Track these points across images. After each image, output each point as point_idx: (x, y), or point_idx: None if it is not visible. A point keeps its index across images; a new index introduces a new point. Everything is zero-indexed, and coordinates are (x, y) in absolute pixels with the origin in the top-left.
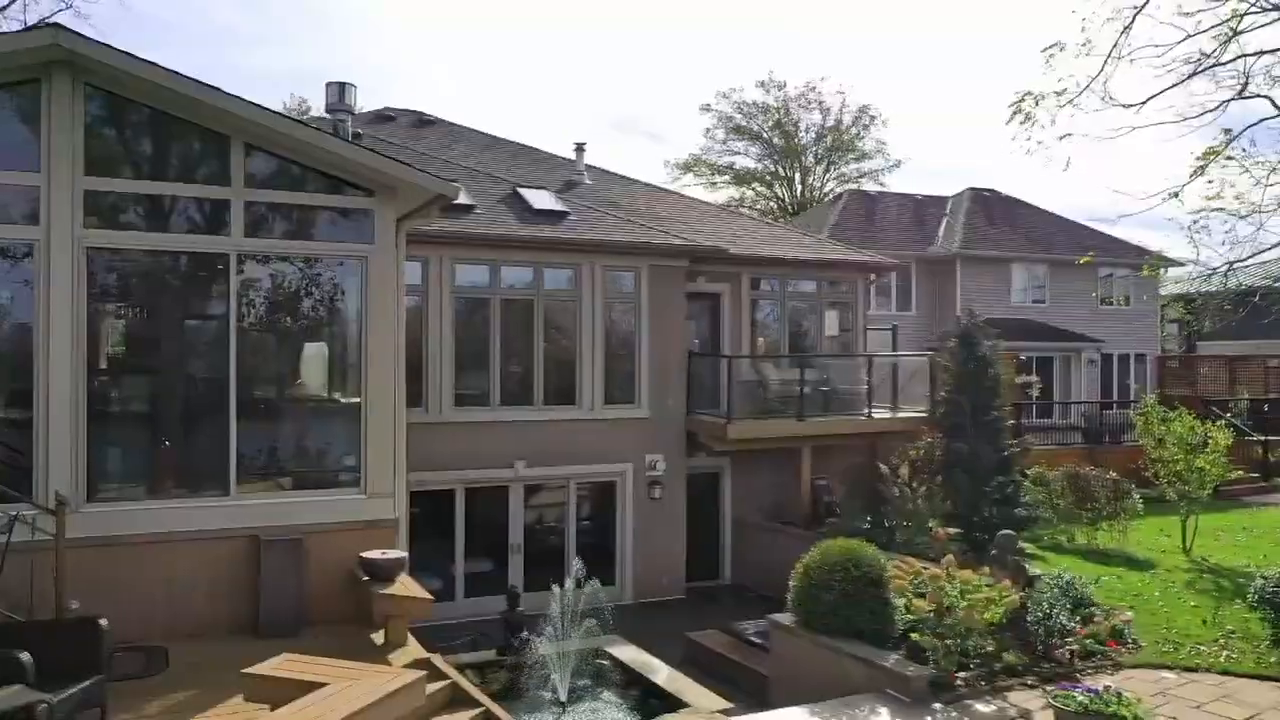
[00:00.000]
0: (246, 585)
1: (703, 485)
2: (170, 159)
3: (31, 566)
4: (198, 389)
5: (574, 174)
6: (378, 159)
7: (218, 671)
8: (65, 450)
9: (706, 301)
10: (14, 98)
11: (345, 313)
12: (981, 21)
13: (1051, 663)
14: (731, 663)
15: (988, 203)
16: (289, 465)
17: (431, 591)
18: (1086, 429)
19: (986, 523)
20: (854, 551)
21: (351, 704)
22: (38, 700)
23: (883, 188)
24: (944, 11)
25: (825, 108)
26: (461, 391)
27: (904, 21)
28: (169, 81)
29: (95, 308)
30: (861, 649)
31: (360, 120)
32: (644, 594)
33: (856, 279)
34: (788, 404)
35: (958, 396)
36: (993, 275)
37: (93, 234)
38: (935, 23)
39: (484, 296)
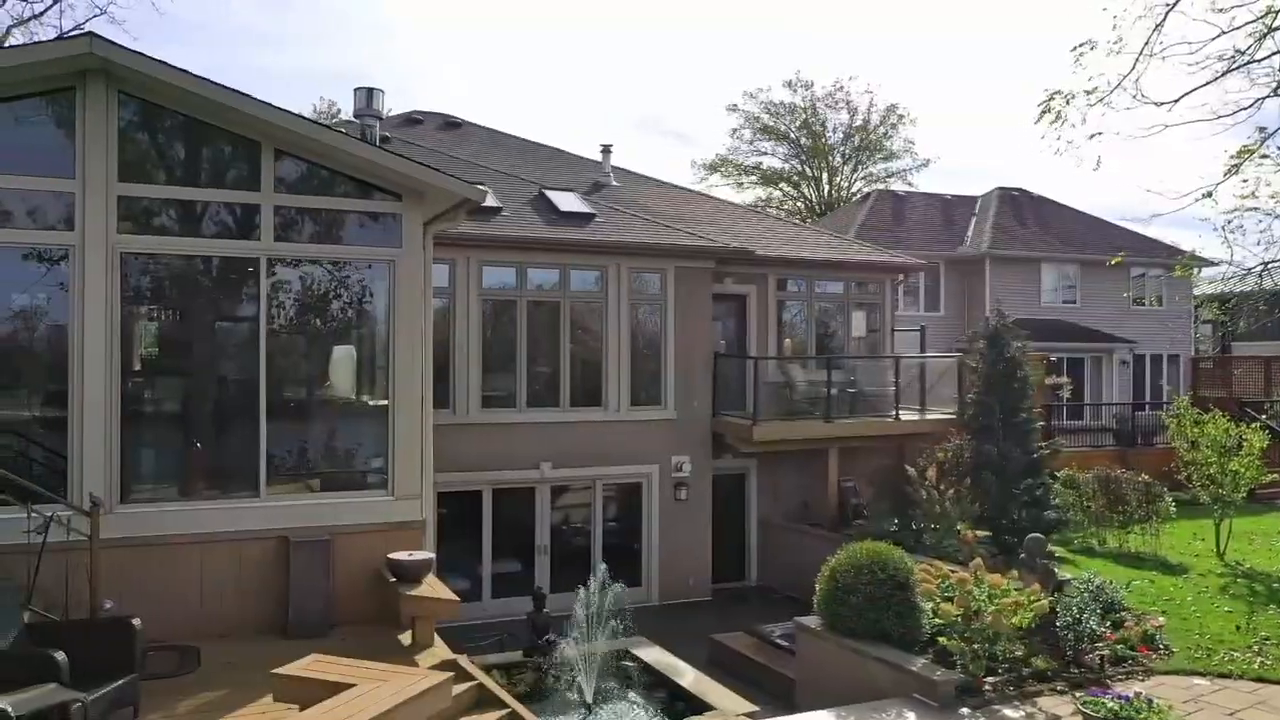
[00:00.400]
0: (276, 586)
1: (729, 486)
2: (201, 164)
3: (67, 566)
4: (229, 391)
5: (600, 176)
6: (405, 163)
7: (248, 671)
8: (99, 452)
9: (733, 302)
10: (50, 105)
11: (373, 315)
12: (1009, 21)
13: (1081, 668)
14: (757, 665)
15: (1017, 202)
16: (318, 467)
17: (459, 592)
18: (1118, 431)
19: (1016, 526)
20: (880, 554)
21: (379, 705)
22: (72, 699)
23: (911, 187)
24: (972, 11)
25: (853, 107)
26: (488, 393)
27: (931, 21)
28: (200, 88)
29: (128, 310)
30: (888, 653)
31: (388, 124)
32: (670, 595)
33: (884, 280)
34: (814, 405)
35: (986, 398)
36: (1022, 275)
37: (126, 239)
38: (963, 22)
39: (511, 298)
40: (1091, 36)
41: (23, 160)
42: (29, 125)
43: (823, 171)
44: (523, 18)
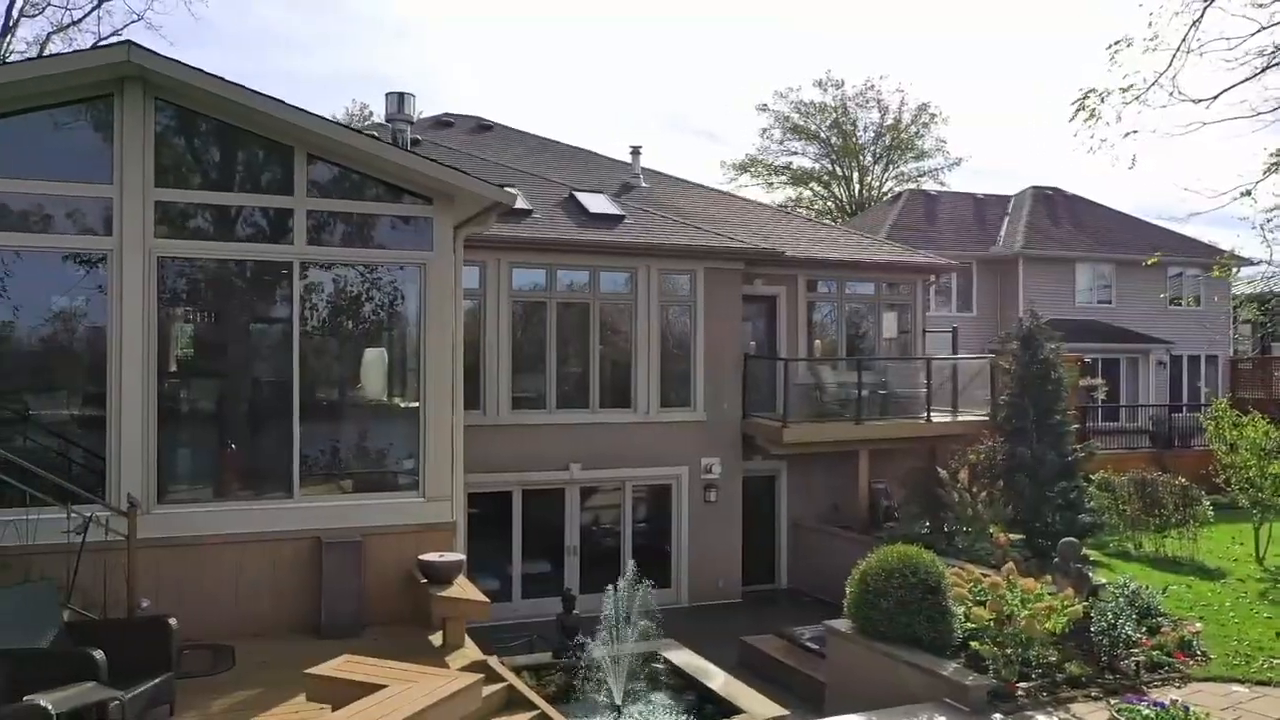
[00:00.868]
0: (309, 586)
1: (759, 488)
2: (235, 169)
3: (104, 566)
4: (262, 392)
5: (630, 177)
6: (435, 167)
7: (281, 670)
8: (137, 453)
9: (763, 303)
10: (89, 112)
11: (405, 318)
12: (1043, 20)
13: (1116, 674)
14: (787, 668)
15: (1051, 201)
16: (350, 468)
17: (489, 592)
18: (1154, 433)
19: (1049, 529)
20: (912, 558)
21: (410, 706)
22: (110, 697)
23: (943, 187)
24: (1005, 10)
25: (884, 106)
26: (519, 394)
27: (963, 20)
28: (234, 94)
29: (165, 312)
30: (920, 657)
31: (419, 126)
32: (699, 597)
33: (915, 280)
34: (845, 407)
35: (1020, 400)
36: (1056, 275)
37: (163, 244)
38: (996, 21)
39: (540, 300)
40: (1127, 33)
41: (63, 166)
42: (69, 131)
43: (853, 171)
44: (550, 15)
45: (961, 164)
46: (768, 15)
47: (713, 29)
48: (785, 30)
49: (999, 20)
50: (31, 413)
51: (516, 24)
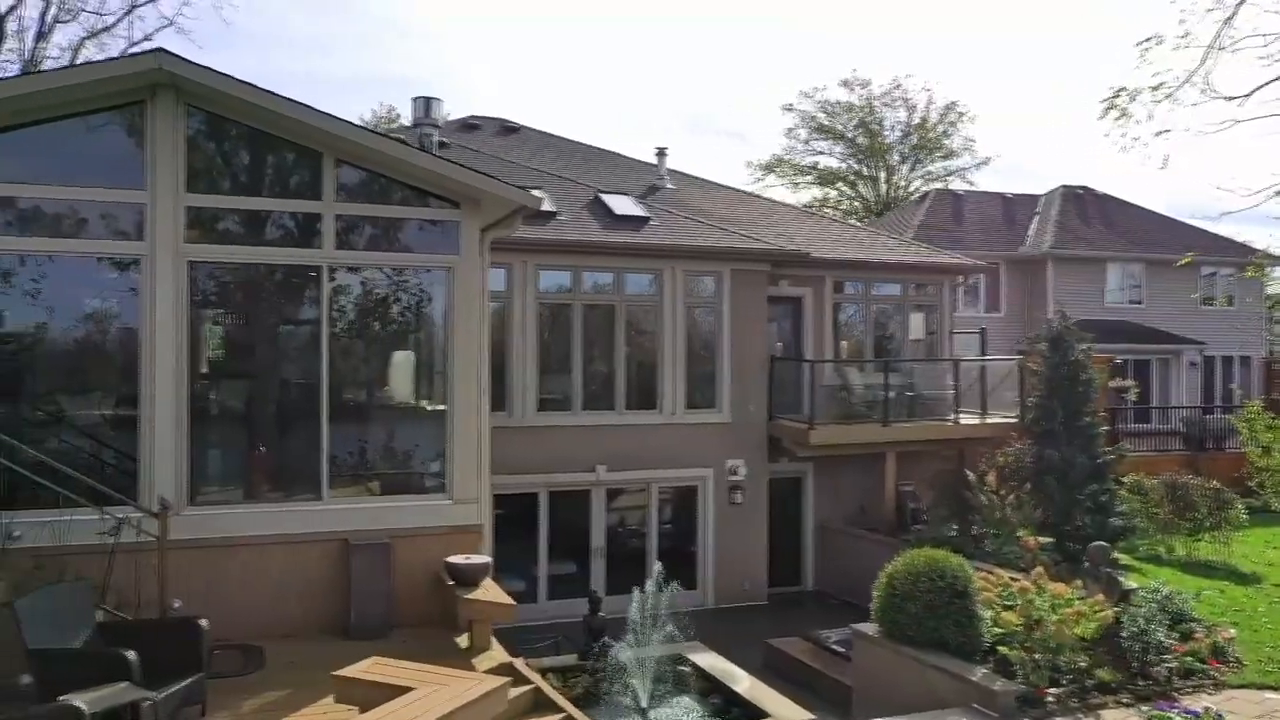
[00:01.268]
0: (337, 587)
1: (785, 490)
2: (265, 174)
3: (136, 566)
4: (291, 394)
5: (655, 178)
6: (462, 171)
7: (310, 671)
8: (169, 455)
9: (788, 305)
10: (122, 118)
11: (432, 321)
12: (1072, 18)
13: (1148, 681)
14: (813, 671)
15: (1081, 201)
16: (377, 470)
17: (515, 593)
18: (1187, 435)
19: (1079, 532)
20: (939, 562)
21: (437, 709)
22: (143, 698)
23: (970, 186)
24: (1034, 8)
25: (911, 105)
26: (545, 396)
27: (991, 19)
28: (264, 100)
29: (196, 314)
30: (947, 661)
31: (446, 129)
32: (725, 599)
33: (942, 281)
34: (872, 409)
35: (1049, 401)
36: (1086, 275)
37: (194, 248)
38: (1024, 20)
39: (566, 302)
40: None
41: (97, 171)
42: (103, 138)
43: (880, 171)
44: (570, 15)
45: (990, 163)
46: (792, 15)
47: (736, 29)
48: (810, 31)
49: (1028, 19)
50: (65, 414)
51: (535, 24)
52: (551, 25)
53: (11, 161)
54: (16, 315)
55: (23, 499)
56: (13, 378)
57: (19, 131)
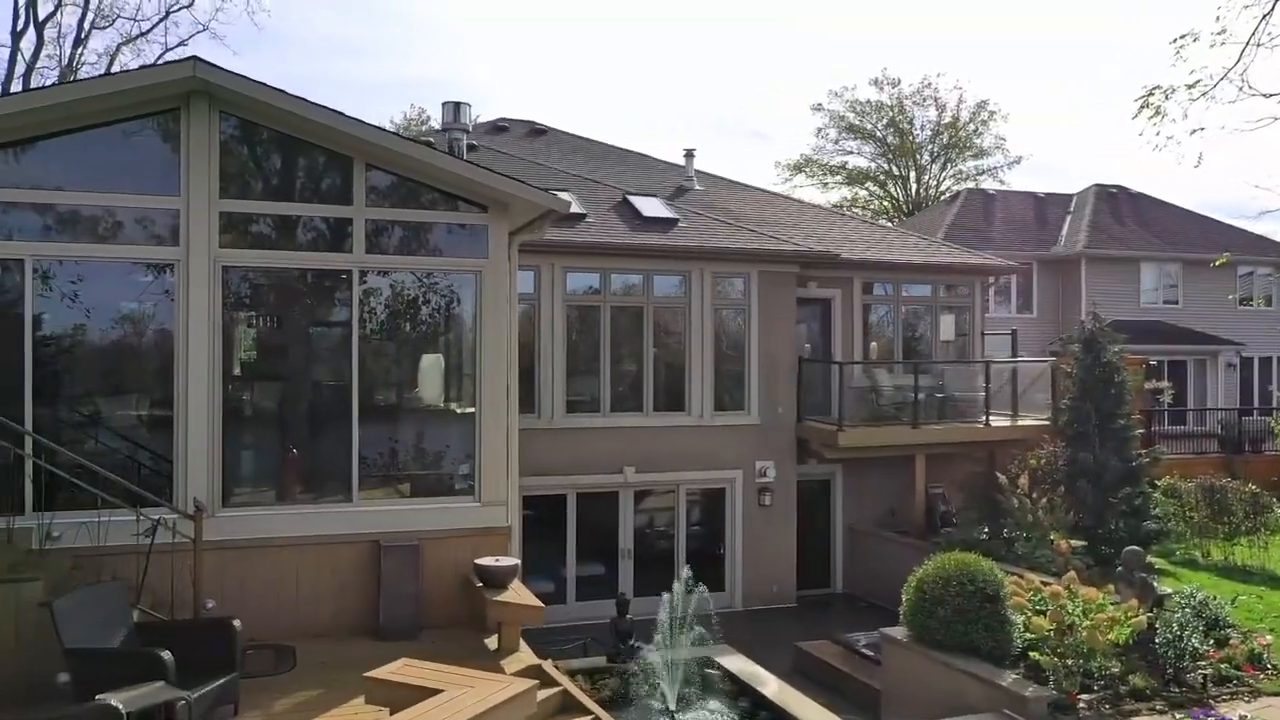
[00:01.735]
0: (367, 588)
1: (814, 492)
2: (296, 179)
3: (171, 567)
4: (322, 397)
5: (683, 180)
6: (491, 176)
7: (341, 671)
8: (202, 458)
9: (817, 306)
10: (157, 125)
11: (460, 324)
12: (1105, 16)
13: (1182, 687)
14: (842, 674)
15: (1115, 200)
16: (407, 472)
17: (544, 593)
18: (1223, 437)
19: (1113, 536)
20: (969, 566)
21: (465, 711)
22: (177, 697)
23: (1002, 185)
24: (1067, 6)
25: (941, 104)
26: (573, 398)
27: (1024, 17)
28: (296, 107)
29: (229, 316)
30: (978, 666)
31: (476, 132)
32: (754, 601)
33: (973, 282)
34: (901, 411)
35: (1082, 404)
36: (1120, 275)
37: (227, 253)
38: (1056, 18)
39: (594, 303)
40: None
41: (132, 178)
42: (138, 144)
43: (910, 170)
44: (595, 17)
45: (1021, 162)
46: (826, 15)
47: (762, 29)
48: (842, 32)
49: (1062, 17)
50: (102, 416)
51: (559, 26)
52: (575, 27)
53: (52, 168)
54: (55, 318)
55: (61, 500)
56: (52, 380)
57: (60, 138)
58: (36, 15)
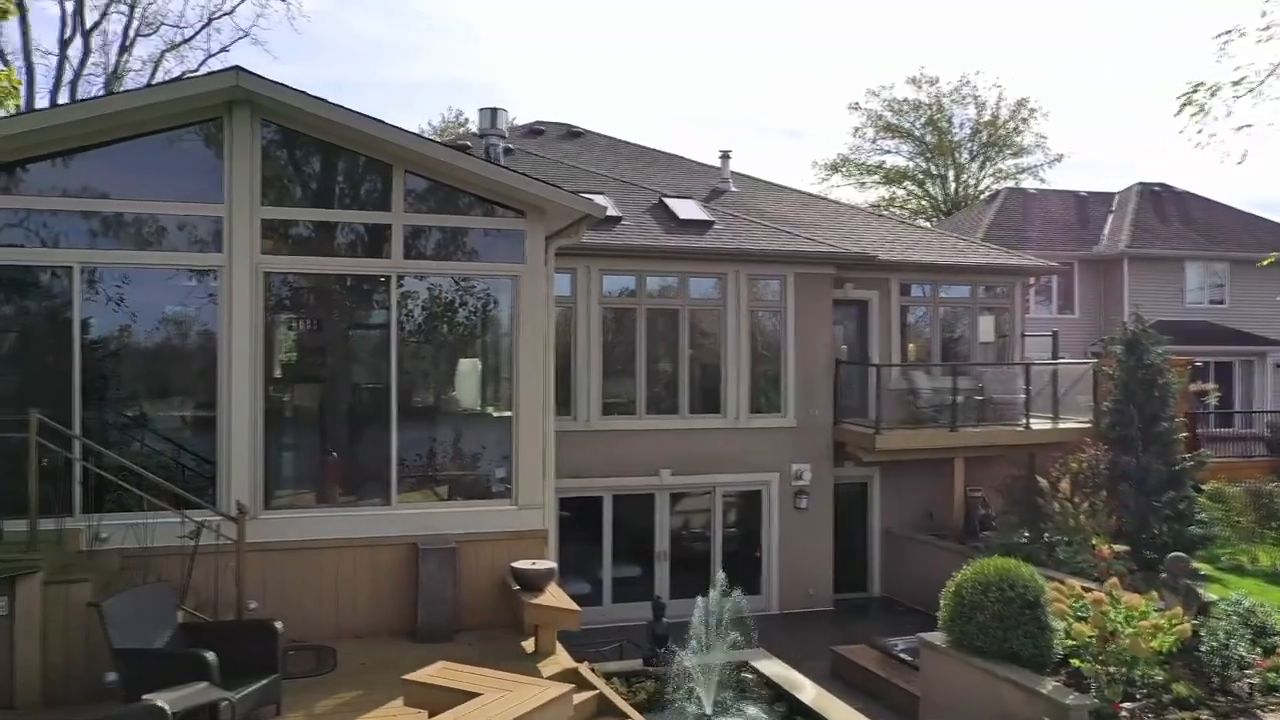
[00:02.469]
0: (405, 590)
1: (851, 495)
2: (336, 186)
3: (215, 568)
4: (361, 402)
5: (719, 181)
6: (528, 181)
7: (380, 672)
8: (245, 461)
9: (854, 308)
10: (201, 134)
11: (497, 328)
12: (1146, 11)
13: (1228, 696)
14: (879, 679)
15: (1158, 198)
16: (444, 476)
17: (580, 595)
18: (1272, 440)
19: (1156, 541)
20: (1009, 572)
21: (502, 716)
22: (221, 698)
23: (1043, 184)
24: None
25: (981, 102)
26: (609, 400)
27: (1064, 14)
28: (336, 115)
29: (270, 319)
30: (1017, 673)
31: (512, 135)
32: (790, 604)
33: (1013, 283)
34: (940, 413)
35: (1125, 406)
36: (1164, 275)
37: (269, 259)
38: (1097, 14)
39: (630, 306)
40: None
41: (177, 185)
42: (182, 152)
43: (949, 169)
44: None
45: (1063, 160)
46: (860, 13)
47: (796, 26)
48: (877, 30)
49: (1102, 12)
50: (147, 420)
51: (593, 29)
52: (611, 31)
53: (99, 176)
54: (101, 323)
55: (109, 502)
56: (99, 383)
57: (107, 147)
58: (84, 23)
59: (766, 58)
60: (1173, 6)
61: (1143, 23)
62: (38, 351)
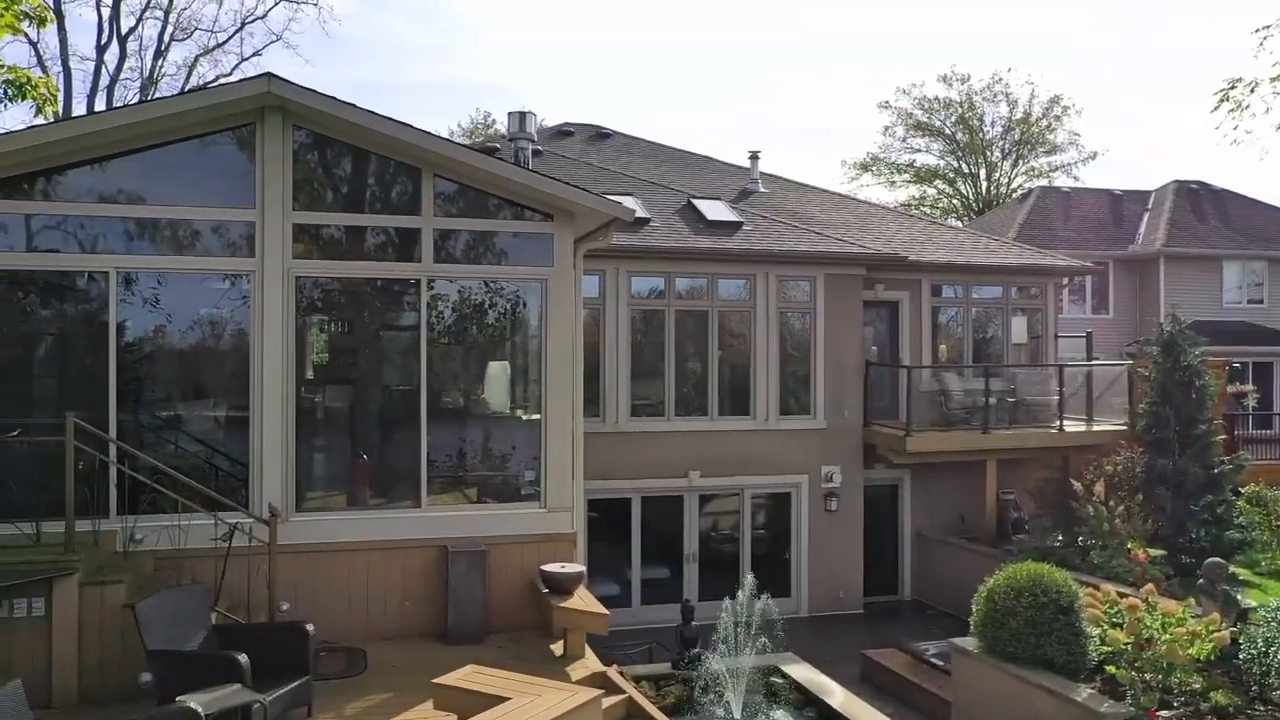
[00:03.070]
0: (435, 592)
1: (881, 498)
2: (366, 191)
3: (247, 570)
4: (392, 403)
5: (748, 182)
6: (556, 185)
7: (410, 675)
8: (277, 465)
9: (884, 309)
10: (233, 140)
11: (526, 331)
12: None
13: (1268, 705)
14: (911, 684)
15: (1196, 196)
16: (473, 478)
17: (609, 597)
18: None
19: (1194, 546)
20: (1042, 577)
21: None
22: (253, 700)
23: (1076, 182)
24: None
25: (1013, 100)
26: (638, 401)
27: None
28: (366, 120)
29: (302, 322)
30: (1051, 680)
31: (541, 137)
32: (819, 607)
33: (1046, 283)
34: (971, 415)
35: (1161, 408)
36: (1201, 275)
37: (300, 264)
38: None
39: (659, 308)
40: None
41: (210, 190)
42: (215, 158)
43: (980, 168)
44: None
45: (1097, 158)
46: (891, 11)
47: (826, 25)
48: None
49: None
50: (181, 423)
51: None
52: (640, 31)
53: (134, 181)
54: (136, 325)
55: (144, 504)
56: (134, 385)
57: (141, 154)
58: (119, 29)
59: (783, 57)
60: (1173, 6)
61: (1143, 23)
62: (74, 354)
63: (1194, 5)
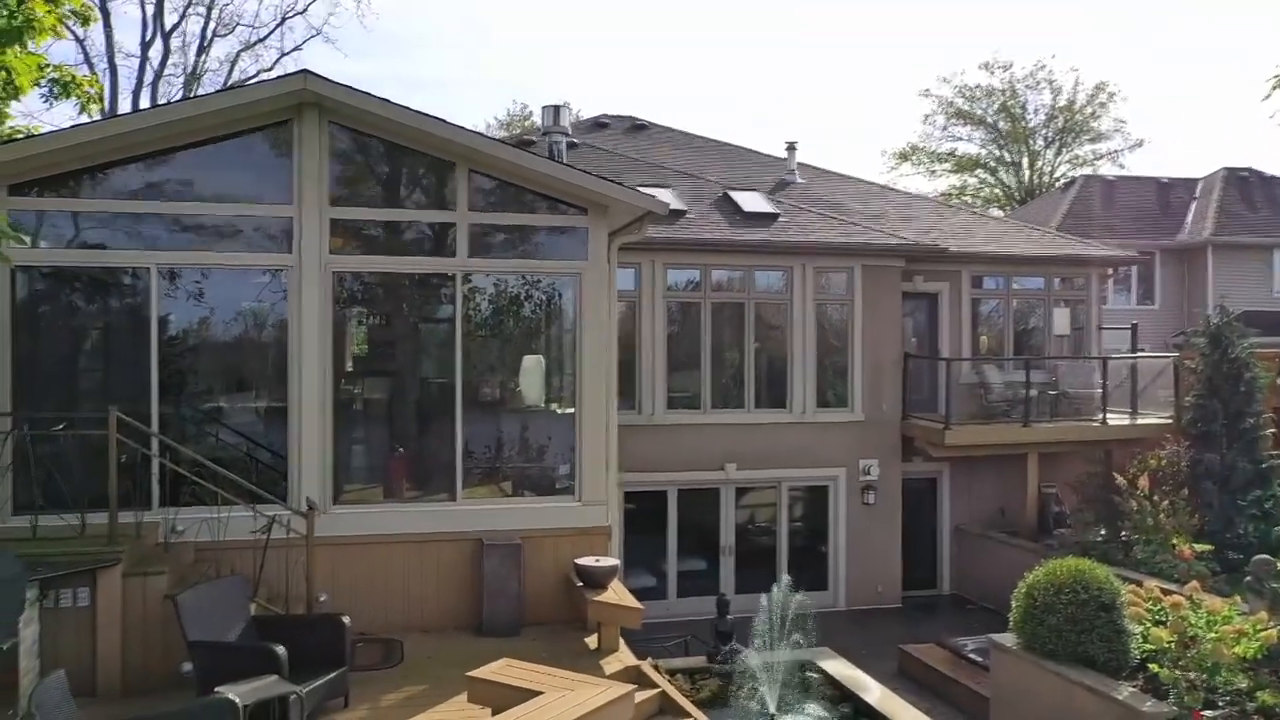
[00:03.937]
0: (470, 585)
1: (920, 491)
2: (401, 186)
3: (285, 562)
4: (429, 397)
5: (785, 173)
6: (591, 179)
7: (445, 667)
8: (315, 458)
9: (923, 300)
10: (270, 137)
11: (561, 325)
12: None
13: None
14: (949, 680)
15: (1245, 184)
16: (508, 471)
17: (644, 589)
18: None
19: (1241, 541)
20: (1084, 573)
21: (564, 715)
22: (290, 691)
23: (1122, 170)
24: None
25: (1056, 87)
26: (674, 394)
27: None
28: (401, 116)
29: (340, 315)
30: (1091, 677)
31: (577, 129)
32: (857, 601)
33: (1089, 273)
34: (1012, 408)
35: (1208, 401)
36: (1251, 264)
37: (337, 259)
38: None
39: (695, 300)
40: None
41: (248, 187)
42: (252, 155)
43: (1023, 156)
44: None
45: (1143, 145)
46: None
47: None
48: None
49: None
50: (221, 416)
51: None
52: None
53: (175, 178)
54: (177, 320)
55: (185, 496)
56: (176, 378)
57: (181, 151)
58: (164, 25)
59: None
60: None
61: (1143, 23)
62: (117, 348)
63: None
